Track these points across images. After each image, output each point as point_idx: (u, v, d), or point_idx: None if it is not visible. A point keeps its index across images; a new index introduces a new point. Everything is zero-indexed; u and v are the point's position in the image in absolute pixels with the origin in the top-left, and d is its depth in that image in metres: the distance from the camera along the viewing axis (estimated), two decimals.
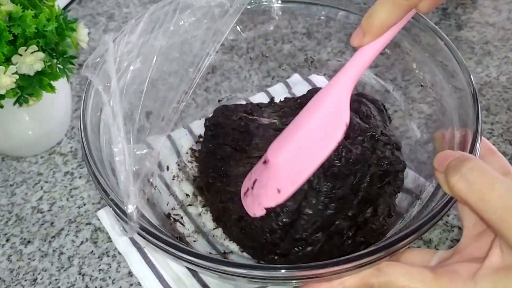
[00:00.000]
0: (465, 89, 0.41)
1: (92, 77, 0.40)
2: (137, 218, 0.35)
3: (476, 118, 0.38)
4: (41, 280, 0.49)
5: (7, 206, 0.55)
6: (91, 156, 0.39)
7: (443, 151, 0.34)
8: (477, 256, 0.33)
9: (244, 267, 0.33)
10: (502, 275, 0.30)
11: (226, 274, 0.33)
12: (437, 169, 0.33)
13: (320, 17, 0.53)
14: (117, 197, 0.36)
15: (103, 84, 0.39)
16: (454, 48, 0.44)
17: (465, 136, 0.38)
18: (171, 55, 0.46)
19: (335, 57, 0.56)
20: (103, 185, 0.37)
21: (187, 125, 0.56)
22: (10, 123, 0.54)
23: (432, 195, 0.39)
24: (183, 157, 0.54)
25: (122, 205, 0.36)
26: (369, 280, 0.33)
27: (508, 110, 0.59)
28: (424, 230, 0.33)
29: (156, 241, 0.35)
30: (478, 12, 0.72)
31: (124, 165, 0.36)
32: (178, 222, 0.48)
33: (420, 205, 0.40)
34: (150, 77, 0.43)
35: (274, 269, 0.33)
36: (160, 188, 0.50)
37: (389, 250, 0.32)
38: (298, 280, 0.33)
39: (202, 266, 0.34)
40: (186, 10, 0.45)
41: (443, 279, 0.31)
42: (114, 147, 0.37)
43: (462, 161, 0.31)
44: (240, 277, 0.34)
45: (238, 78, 0.58)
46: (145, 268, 0.47)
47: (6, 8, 0.46)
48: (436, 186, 0.39)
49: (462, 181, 0.30)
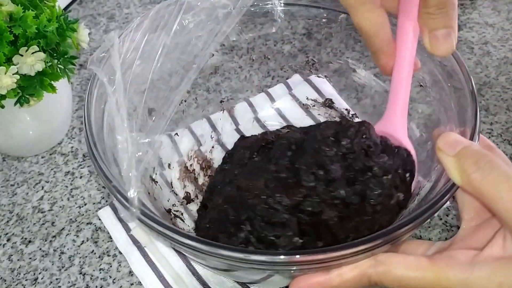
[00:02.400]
0: (464, 87, 0.41)
1: (97, 70, 0.40)
2: (139, 203, 0.35)
3: (474, 116, 0.39)
4: (41, 279, 0.49)
5: (8, 206, 0.55)
6: (94, 145, 0.39)
7: (448, 132, 0.35)
8: (475, 246, 0.33)
9: (241, 251, 0.33)
10: (503, 263, 0.30)
11: (225, 259, 0.33)
12: (443, 151, 0.34)
13: (321, 19, 0.53)
14: (119, 184, 0.37)
15: (108, 77, 0.40)
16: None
17: (464, 134, 0.39)
18: (174, 54, 0.46)
19: (335, 58, 0.57)
20: (105, 172, 0.37)
21: (188, 126, 0.57)
22: (11, 123, 0.54)
23: (430, 190, 0.39)
24: (185, 156, 0.54)
25: (124, 191, 0.36)
26: (367, 270, 0.33)
27: (507, 110, 0.59)
28: (422, 220, 0.34)
29: (158, 226, 0.35)
30: (477, 12, 0.72)
31: (126, 152, 0.36)
32: (179, 218, 0.48)
33: (419, 200, 0.41)
34: (153, 75, 0.44)
35: (273, 254, 0.33)
36: (162, 185, 0.50)
37: (387, 238, 0.33)
38: (298, 265, 0.33)
39: (202, 251, 0.34)
40: (191, 10, 0.46)
41: (440, 264, 0.32)
42: (117, 135, 0.37)
43: (482, 155, 0.32)
44: (238, 262, 0.33)
45: (238, 79, 0.58)
46: (145, 267, 0.47)
47: (7, 9, 0.46)
48: (434, 181, 0.39)
49: (479, 172, 0.31)
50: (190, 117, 0.57)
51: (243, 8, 0.46)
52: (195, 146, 0.55)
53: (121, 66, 0.40)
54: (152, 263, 0.48)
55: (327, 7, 0.52)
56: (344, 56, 0.56)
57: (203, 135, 0.56)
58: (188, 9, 0.46)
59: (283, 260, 0.32)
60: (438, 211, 0.35)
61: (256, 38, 0.56)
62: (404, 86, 0.41)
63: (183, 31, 0.46)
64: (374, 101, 0.54)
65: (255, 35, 0.55)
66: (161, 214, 0.45)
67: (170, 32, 0.44)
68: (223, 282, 0.46)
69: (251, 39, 0.56)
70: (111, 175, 0.37)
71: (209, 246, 0.33)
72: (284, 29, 0.55)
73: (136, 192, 0.36)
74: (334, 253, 0.32)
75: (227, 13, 0.46)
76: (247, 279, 0.45)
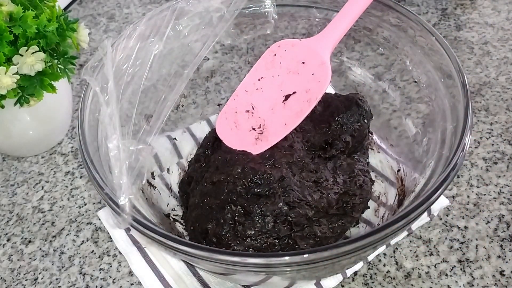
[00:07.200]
0: (457, 83, 0.42)
1: (90, 80, 0.41)
2: (130, 210, 0.36)
3: (465, 112, 0.39)
4: (41, 279, 0.49)
5: (8, 206, 0.55)
6: (88, 153, 0.39)
7: None
8: None
9: (238, 255, 0.33)
10: None
11: (221, 263, 0.34)
12: None
13: (321, 19, 0.53)
14: (111, 192, 0.37)
15: (101, 86, 0.40)
16: (446, 43, 0.44)
17: (456, 130, 0.39)
18: (168, 60, 0.47)
19: (333, 57, 0.57)
20: (98, 180, 0.38)
21: (188, 128, 0.57)
22: (11, 123, 0.54)
23: (423, 186, 0.39)
24: (184, 159, 0.54)
25: (115, 197, 0.36)
26: None
27: (507, 110, 0.59)
28: (411, 218, 0.34)
29: (149, 232, 0.35)
30: (477, 12, 0.72)
31: (118, 160, 0.37)
32: (178, 222, 0.48)
33: (414, 196, 0.41)
34: (146, 81, 0.44)
35: (271, 257, 0.33)
36: (160, 189, 0.50)
37: (381, 235, 0.33)
38: (293, 266, 0.33)
39: (196, 256, 0.34)
40: (184, 16, 0.46)
41: None
42: (109, 143, 0.37)
43: None
44: (234, 266, 0.34)
45: (238, 79, 0.58)
46: (145, 268, 0.47)
47: (7, 9, 0.46)
48: (428, 177, 0.40)
49: None
50: (189, 117, 0.57)
51: (236, 11, 0.47)
52: (194, 149, 0.55)
53: (114, 74, 0.41)
54: (152, 263, 0.48)
55: (326, 7, 0.53)
56: (342, 56, 0.56)
57: (203, 138, 0.56)
58: (182, 15, 0.46)
59: (279, 262, 0.33)
60: (430, 205, 0.35)
61: (256, 38, 0.56)
62: (350, 17, 0.45)
63: (177, 36, 0.47)
64: (373, 101, 0.54)
65: (254, 35, 0.55)
66: (160, 219, 0.45)
67: (163, 38, 0.45)
68: (223, 282, 0.46)
69: (250, 40, 0.56)
70: (103, 183, 0.38)
71: (202, 251, 0.34)
72: (284, 28, 0.55)
73: (127, 199, 0.36)
74: (328, 252, 0.32)
75: (221, 17, 0.46)
76: (246, 282, 0.45)
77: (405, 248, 0.48)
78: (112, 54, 0.42)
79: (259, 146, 0.46)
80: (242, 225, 0.41)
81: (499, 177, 0.53)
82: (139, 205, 0.41)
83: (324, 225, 0.42)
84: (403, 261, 0.47)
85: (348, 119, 0.49)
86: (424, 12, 0.73)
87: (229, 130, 0.47)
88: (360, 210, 0.46)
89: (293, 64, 0.46)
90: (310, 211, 0.42)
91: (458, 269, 0.46)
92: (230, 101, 0.48)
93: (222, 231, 0.41)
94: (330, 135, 0.48)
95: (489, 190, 0.52)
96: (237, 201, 0.42)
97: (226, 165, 0.44)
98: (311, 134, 0.48)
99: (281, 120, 0.45)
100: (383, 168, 0.52)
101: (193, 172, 0.49)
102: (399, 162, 0.51)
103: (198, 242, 0.41)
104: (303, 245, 0.41)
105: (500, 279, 0.45)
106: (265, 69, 0.47)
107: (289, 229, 0.41)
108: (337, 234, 0.43)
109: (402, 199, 0.47)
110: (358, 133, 0.49)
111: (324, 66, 0.44)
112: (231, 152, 0.46)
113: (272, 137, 0.45)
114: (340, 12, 0.45)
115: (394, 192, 0.49)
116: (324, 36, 0.45)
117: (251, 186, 0.42)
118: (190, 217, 0.44)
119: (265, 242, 0.41)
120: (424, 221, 0.49)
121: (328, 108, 0.50)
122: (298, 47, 0.46)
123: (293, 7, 0.54)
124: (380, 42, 0.52)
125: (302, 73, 0.45)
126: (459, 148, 0.37)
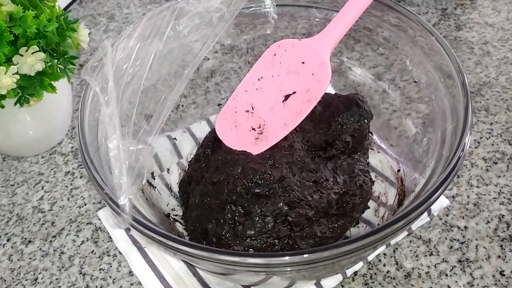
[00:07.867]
0: (457, 83, 0.42)
1: (90, 80, 0.41)
2: (130, 210, 0.36)
3: (465, 112, 0.39)
4: (41, 279, 0.49)
5: (8, 206, 0.55)
6: (88, 154, 0.39)
7: None
8: None
9: (238, 255, 0.33)
10: None
11: (221, 263, 0.34)
12: None
13: (321, 19, 0.54)
14: (111, 192, 0.37)
15: (101, 86, 0.40)
16: (446, 43, 0.44)
17: (456, 129, 0.39)
18: (168, 60, 0.47)
19: (333, 57, 0.57)
20: (98, 180, 0.38)
21: (188, 128, 0.57)
22: (11, 123, 0.54)
23: (423, 186, 0.40)
24: (184, 159, 0.54)
25: (115, 197, 0.36)
26: None
27: (507, 110, 0.59)
28: (411, 218, 0.34)
29: (149, 232, 0.35)
30: (477, 12, 0.72)
31: (118, 160, 0.37)
32: (178, 222, 0.48)
33: (414, 196, 0.41)
34: (146, 81, 0.44)
35: (271, 257, 0.33)
36: (160, 189, 0.50)
37: (380, 235, 0.33)
38: (293, 266, 0.33)
39: (196, 256, 0.34)
40: (184, 16, 0.46)
41: None
42: (109, 143, 0.37)
43: None
44: (234, 265, 0.34)
45: (238, 79, 0.58)
46: (145, 268, 0.47)
47: (7, 9, 0.46)
48: (428, 177, 0.40)
49: None
50: (189, 117, 0.57)
51: (236, 11, 0.47)
52: (194, 149, 0.55)
53: (114, 74, 0.41)
54: (152, 263, 0.48)
55: (326, 7, 0.53)
56: (342, 56, 0.56)
57: (203, 138, 0.56)
58: (182, 15, 0.46)
59: (279, 262, 0.33)
60: (430, 206, 0.35)
61: (256, 38, 0.56)
62: (350, 17, 0.45)
63: (177, 36, 0.47)
64: (373, 101, 0.54)
65: (255, 35, 0.55)
66: (160, 219, 0.45)
67: (163, 38, 0.45)
68: (223, 282, 0.46)
69: (250, 40, 0.56)
70: (103, 183, 0.38)
71: (202, 251, 0.34)
72: (284, 29, 0.55)
73: (127, 199, 0.36)
74: (328, 252, 0.32)
75: (221, 17, 0.46)
76: (246, 282, 0.45)
77: (405, 248, 0.48)
78: (112, 54, 0.42)
79: (259, 146, 0.46)
80: (242, 225, 0.41)
81: (499, 177, 0.53)
82: (139, 205, 0.41)
83: (324, 225, 0.42)
84: (403, 261, 0.47)
85: (348, 119, 0.49)
86: (424, 12, 0.73)
87: (229, 130, 0.47)
88: (360, 210, 0.46)
89: (293, 64, 0.46)
90: (310, 211, 0.42)
91: (458, 269, 0.46)
92: (229, 101, 0.48)
93: (222, 231, 0.41)
94: (330, 135, 0.48)
95: (489, 190, 0.52)
96: (237, 201, 0.42)
97: (226, 165, 0.44)
98: (311, 134, 0.48)
99: (281, 120, 0.45)
100: (383, 168, 0.52)
101: (193, 172, 0.49)
102: (399, 162, 0.51)
103: (198, 242, 0.41)
104: (303, 245, 0.41)
105: (500, 279, 0.45)
106: (265, 69, 0.47)
107: (289, 229, 0.41)
108: (337, 234, 0.43)
109: (402, 199, 0.47)
110: (358, 133, 0.49)
111: (324, 66, 0.44)
112: (231, 152, 0.46)
113: (272, 137, 0.45)
114: (340, 12, 0.45)
115: (394, 192, 0.49)
116: (324, 36, 0.45)
117: (251, 186, 0.42)
118: (190, 217, 0.44)
119: (265, 242, 0.41)
120: (424, 221, 0.49)
121: (328, 108, 0.50)
122: (298, 47, 0.46)
123: (293, 7, 0.54)
124: (380, 42, 0.52)
125: (302, 73, 0.45)
126: (459, 148, 0.37)
